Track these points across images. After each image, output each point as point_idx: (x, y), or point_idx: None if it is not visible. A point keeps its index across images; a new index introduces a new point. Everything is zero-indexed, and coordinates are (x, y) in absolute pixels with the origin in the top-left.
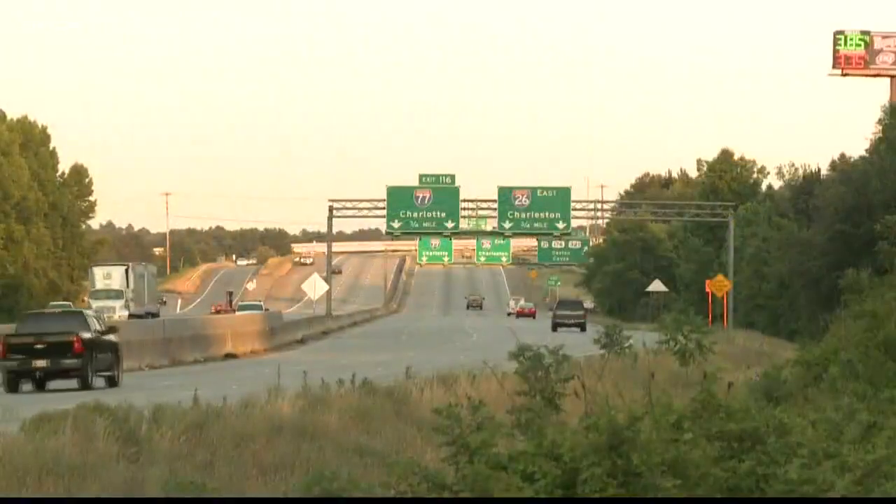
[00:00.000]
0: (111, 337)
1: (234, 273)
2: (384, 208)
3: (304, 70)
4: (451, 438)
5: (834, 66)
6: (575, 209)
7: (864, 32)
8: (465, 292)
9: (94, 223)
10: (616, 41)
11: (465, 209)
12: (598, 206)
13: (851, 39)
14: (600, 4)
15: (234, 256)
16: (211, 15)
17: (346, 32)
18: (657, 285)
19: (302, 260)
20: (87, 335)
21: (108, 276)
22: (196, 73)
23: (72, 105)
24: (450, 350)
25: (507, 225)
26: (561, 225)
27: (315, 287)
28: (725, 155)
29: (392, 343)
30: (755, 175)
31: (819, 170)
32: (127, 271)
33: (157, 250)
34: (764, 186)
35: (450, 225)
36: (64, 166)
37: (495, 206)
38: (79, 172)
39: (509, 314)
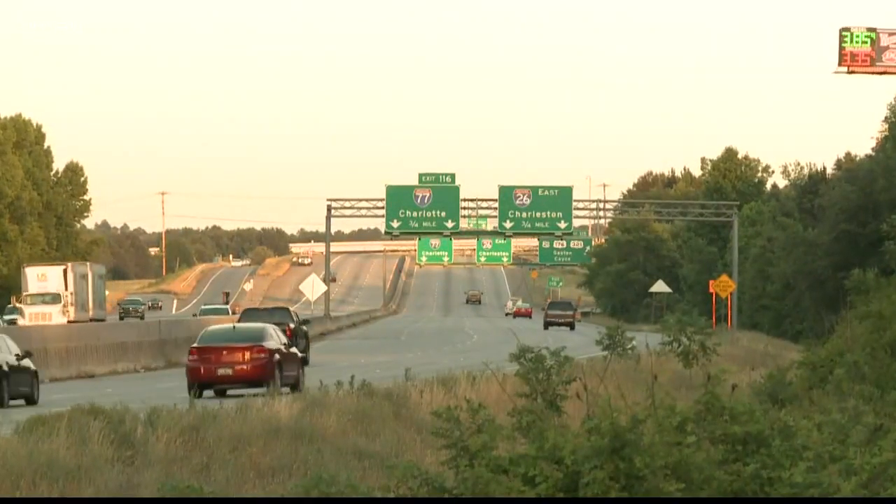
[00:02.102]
0: (304, 327)
1: (231, 273)
2: (383, 208)
3: (302, 68)
4: (450, 441)
5: (840, 64)
6: (577, 209)
7: (870, 29)
8: (465, 299)
9: (89, 223)
10: (618, 39)
11: (465, 209)
12: (601, 205)
13: (857, 37)
14: (602, 2)
15: (230, 256)
16: (208, 13)
17: (344, 31)
18: (660, 286)
19: (300, 260)
20: (292, 325)
21: (42, 278)
22: (193, 71)
23: (67, 103)
24: (450, 351)
25: (507, 225)
26: (562, 225)
27: (313, 288)
28: (730, 154)
29: (391, 344)
30: (760, 174)
31: (824, 169)
32: (65, 272)
33: (153, 250)
34: (769, 186)
35: (450, 225)
36: (58, 165)
37: (496, 205)
38: (73, 171)
39: (507, 314)
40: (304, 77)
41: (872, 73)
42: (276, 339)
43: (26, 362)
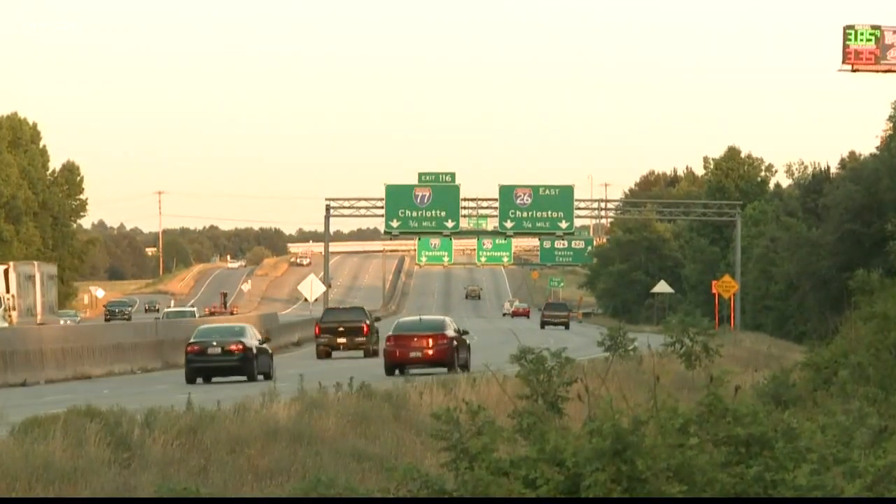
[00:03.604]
0: (376, 324)
1: (229, 274)
2: (382, 207)
3: (302, 68)
4: (450, 444)
5: (843, 62)
6: (578, 208)
7: (874, 27)
8: (465, 294)
9: (86, 222)
10: (620, 37)
11: (465, 208)
12: (602, 205)
13: (861, 34)
14: (602, 2)
15: (227, 257)
16: (208, 13)
17: (344, 31)
18: (662, 286)
19: (298, 260)
20: (368, 322)
21: None
22: (192, 71)
23: (64, 103)
24: None
25: (508, 224)
26: (563, 224)
27: (312, 288)
28: (732, 153)
29: None
30: (763, 173)
31: (828, 168)
32: (7, 272)
33: (150, 250)
34: (772, 185)
35: (450, 224)
36: (55, 164)
37: (496, 205)
38: (70, 170)
39: (505, 314)
40: (304, 77)
41: (877, 71)
42: (452, 328)
43: (265, 345)
